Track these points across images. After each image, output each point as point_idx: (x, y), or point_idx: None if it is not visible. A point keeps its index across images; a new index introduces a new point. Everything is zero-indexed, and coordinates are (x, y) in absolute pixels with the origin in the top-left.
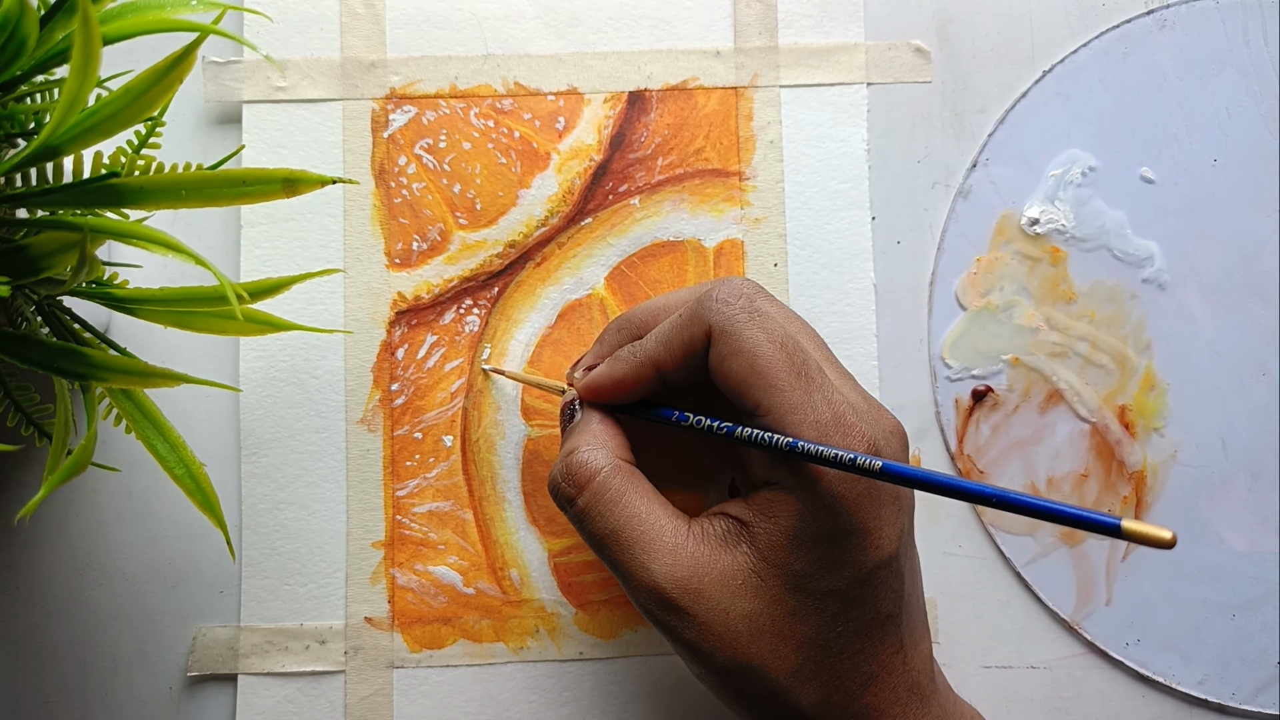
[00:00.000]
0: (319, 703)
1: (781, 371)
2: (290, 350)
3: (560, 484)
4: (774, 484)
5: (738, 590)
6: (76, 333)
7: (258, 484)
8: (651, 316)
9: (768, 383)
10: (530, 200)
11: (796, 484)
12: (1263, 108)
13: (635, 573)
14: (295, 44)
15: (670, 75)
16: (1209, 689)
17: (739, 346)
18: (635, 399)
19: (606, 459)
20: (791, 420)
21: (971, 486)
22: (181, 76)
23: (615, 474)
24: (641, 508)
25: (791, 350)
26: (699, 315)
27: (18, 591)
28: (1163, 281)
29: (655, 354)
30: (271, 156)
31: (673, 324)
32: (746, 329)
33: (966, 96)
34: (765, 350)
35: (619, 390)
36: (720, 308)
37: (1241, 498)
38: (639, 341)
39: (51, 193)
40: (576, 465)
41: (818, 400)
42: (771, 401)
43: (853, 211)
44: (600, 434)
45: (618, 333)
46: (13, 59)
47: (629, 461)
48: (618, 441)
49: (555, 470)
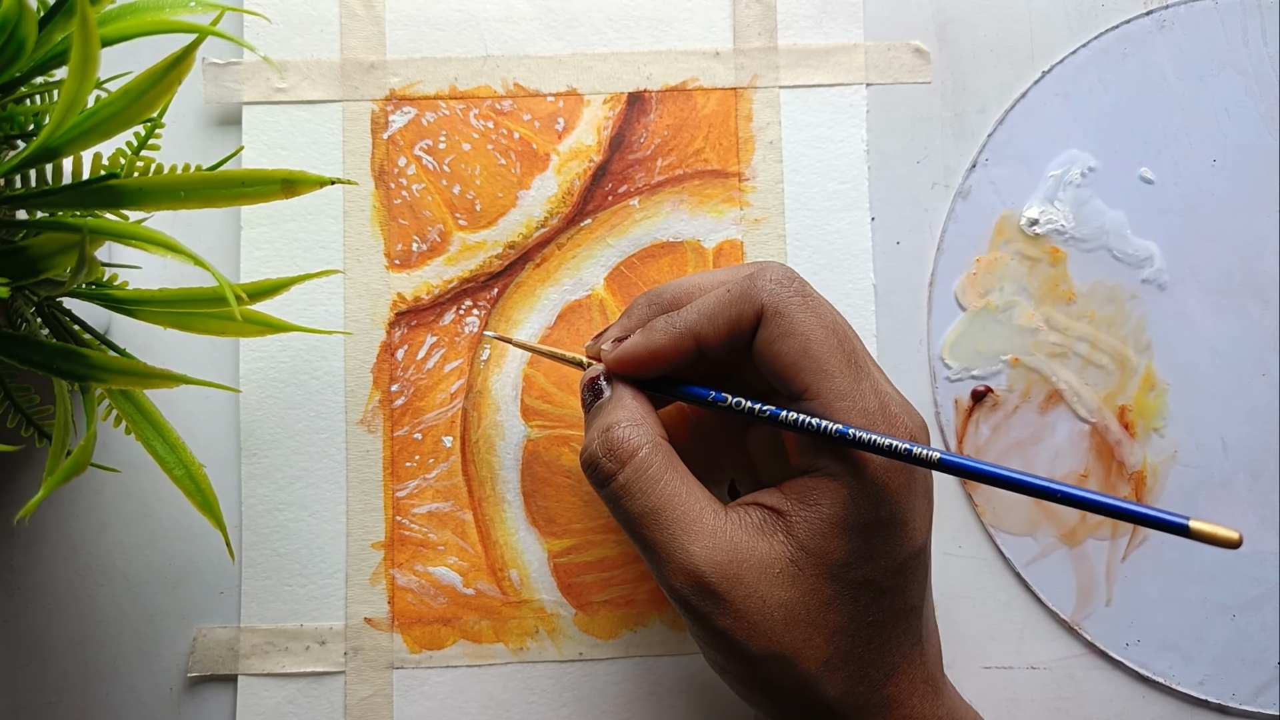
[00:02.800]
0: (319, 703)
1: (834, 357)
2: (290, 351)
3: (600, 459)
4: (816, 470)
5: (775, 578)
6: (76, 334)
7: (258, 485)
8: (684, 294)
9: (819, 367)
10: (530, 201)
11: (842, 470)
12: (1262, 108)
13: (674, 554)
14: (295, 45)
15: (670, 76)
16: (1209, 689)
17: (791, 329)
18: (665, 373)
19: (648, 435)
20: (840, 407)
21: (1028, 479)
22: (180, 78)
23: (656, 451)
24: (682, 488)
25: (843, 338)
26: (750, 293)
27: (18, 592)
28: (1162, 282)
29: (697, 326)
30: (271, 158)
31: (719, 299)
32: (800, 312)
33: (966, 97)
34: (818, 335)
35: (654, 361)
36: (774, 288)
37: (1241, 498)
38: (677, 313)
39: (51, 194)
40: (618, 440)
41: (865, 389)
42: (821, 386)
43: (852, 212)
44: (637, 410)
45: (648, 307)
46: (12, 60)
47: (666, 440)
48: (654, 418)
49: (592, 445)
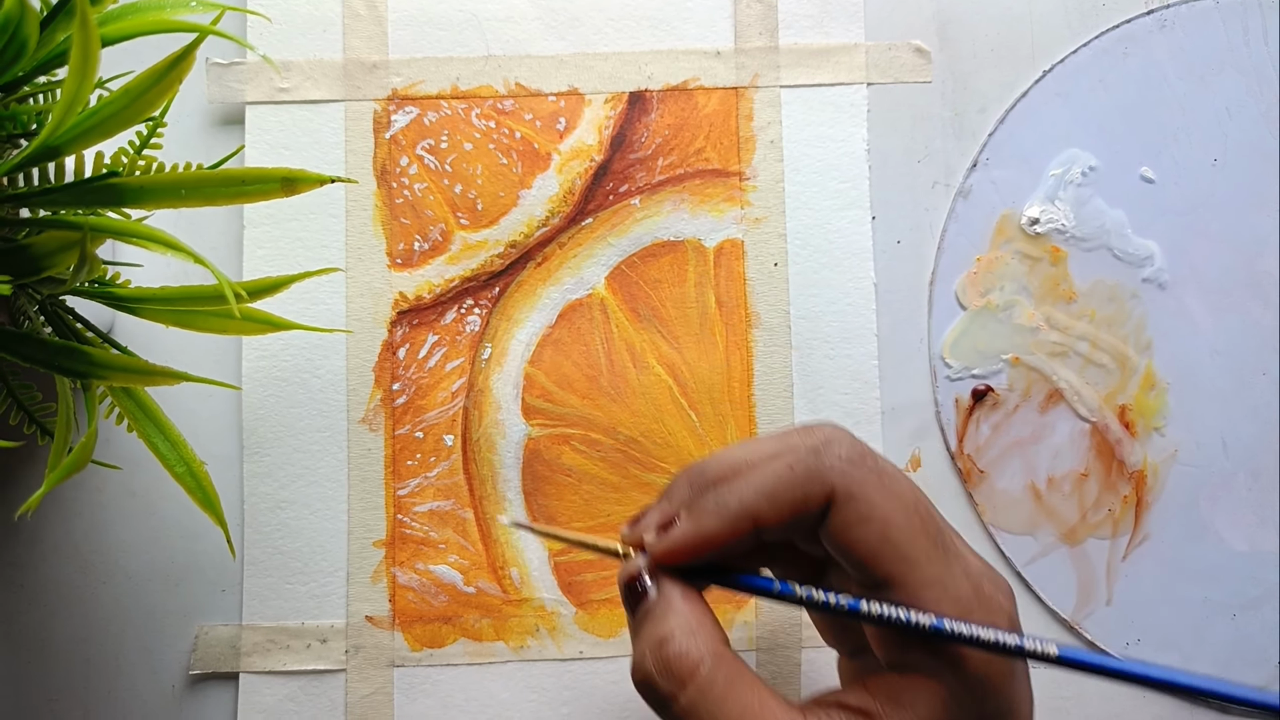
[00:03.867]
0: (320, 701)
1: (918, 541)
2: (292, 350)
3: (656, 681)
4: (907, 667)
5: None
6: (78, 332)
7: (259, 483)
8: (729, 469)
9: (902, 554)
10: (531, 200)
11: (938, 666)
12: (1263, 107)
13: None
14: (298, 45)
15: (671, 75)
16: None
17: (869, 513)
18: (715, 559)
19: (707, 646)
20: (928, 596)
21: (1173, 678)
22: (180, 77)
23: (720, 665)
24: (754, 701)
25: (925, 518)
26: (817, 472)
27: (21, 590)
28: (1163, 281)
29: (755, 507)
30: (274, 157)
31: (779, 477)
32: (877, 494)
33: (967, 96)
34: (899, 519)
35: (706, 548)
36: (845, 468)
37: (1242, 497)
38: (728, 489)
39: (53, 192)
40: (675, 657)
41: (956, 572)
42: (907, 575)
43: (853, 211)
44: (691, 616)
45: (689, 486)
46: (14, 60)
47: (727, 645)
48: (711, 619)
49: (645, 663)
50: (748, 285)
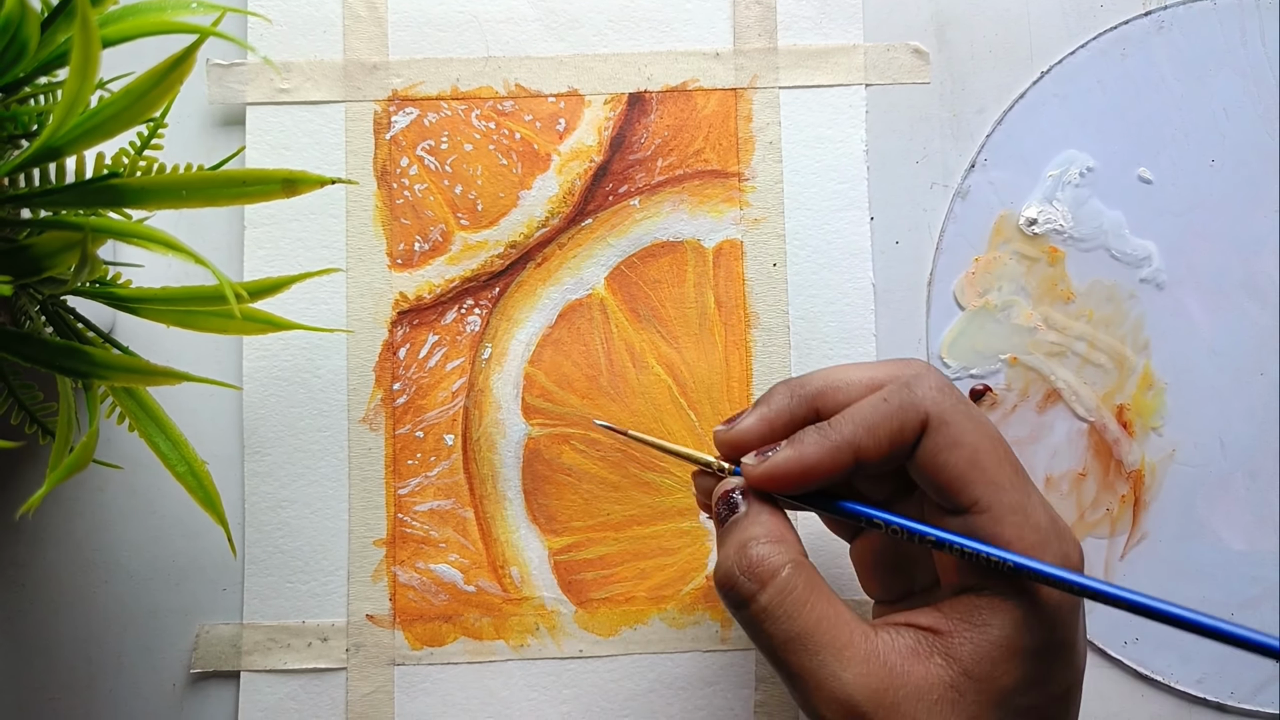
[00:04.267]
0: (321, 700)
1: (1003, 469)
2: (293, 350)
3: (738, 579)
4: (979, 589)
5: (932, 706)
6: (80, 332)
7: (260, 482)
8: (832, 389)
9: (989, 479)
10: (531, 201)
11: (1014, 591)
12: (1260, 108)
13: (824, 681)
14: (298, 46)
15: (670, 77)
16: (1207, 688)
17: (959, 438)
18: (818, 488)
19: (789, 554)
20: (1012, 521)
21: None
22: (181, 78)
23: (800, 572)
24: (830, 610)
25: (1007, 449)
26: (913, 402)
27: (22, 589)
28: (1160, 281)
29: (857, 439)
30: (274, 158)
31: (878, 409)
32: (967, 422)
33: (965, 97)
34: (986, 445)
35: (808, 478)
36: (938, 396)
37: (1240, 497)
38: (829, 423)
39: (53, 193)
40: (757, 559)
41: (1036, 502)
42: (992, 499)
43: (851, 212)
44: (775, 527)
45: (790, 398)
46: (15, 61)
47: (807, 558)
48: (794, 535)
49: (729, 564)
50: (747, 286)
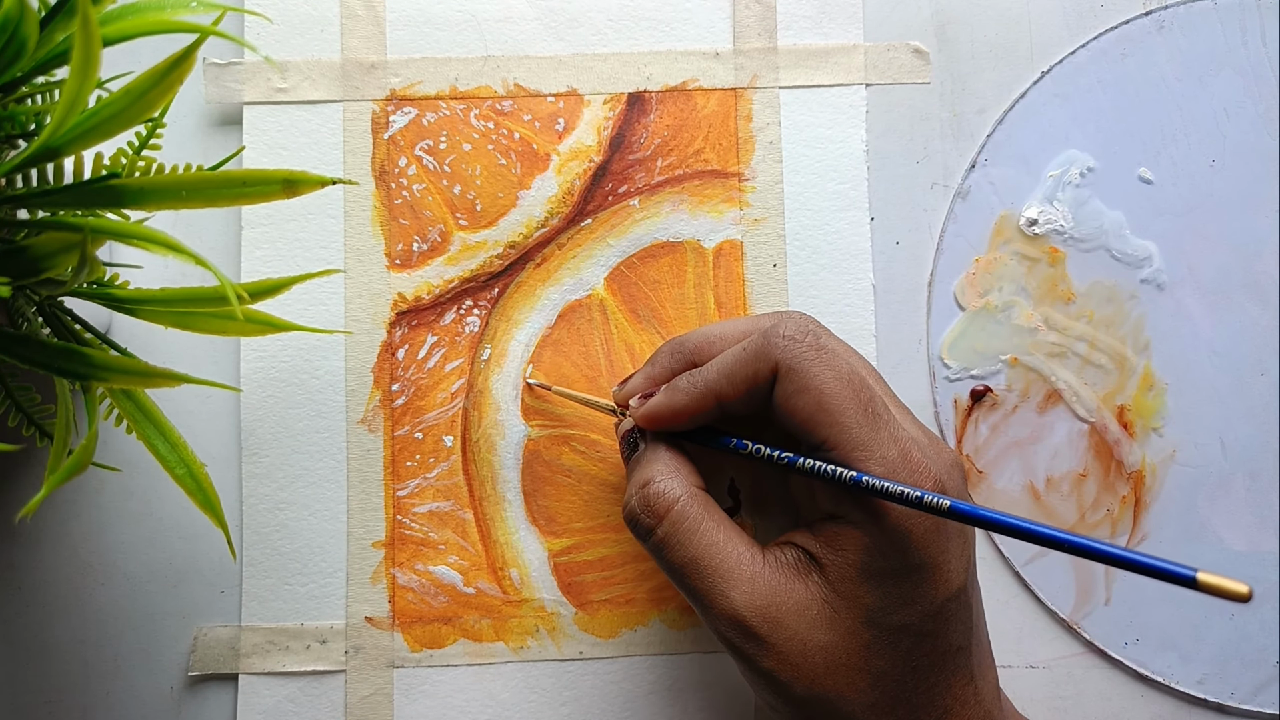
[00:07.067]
0: (320, 702)
1: (849, 409)
2: (291, 351)
3: (639, 515)
4: (839, 518)
5: (813, 621)
6: (77, 333)
7: (259, 484)
8: (707, 344)
9: (835, 420)
10: (530, 201)
11: (863, 518)
12: (1261, 108)
13: (715, 600)
14: (296, 46)
15: (670, 76)
16: (1208, 688)
17: (805, 384)
18: (692, 427)
19: (682, 488)
20: (858, 457)
21: (1036, 528)
22: (181, 78)
23: (692, 502)
24: (719, 536)
25: (858, 388)
26: (764, 351)
27: (19, 591)
28: (1161, 282)
29: (716, 385)
30: (272, 158)
31: (735, 357)
32: (813, 366)
33: (965, 97)
34: (832, 388)
35: (678, 419)
36: (787, 344)
37: (1240, 498)
38: (698, 371)
39: (52, 194)
40: (654, 495)
41: (884, 438)
42: (839, 438)
43: (851, 212)
44: (672, 463)
45: (670, 356)
46: (13, 60)
47: (702, 489)
48: (689, 469)
49: (631, 501)
50: (746, 286)
